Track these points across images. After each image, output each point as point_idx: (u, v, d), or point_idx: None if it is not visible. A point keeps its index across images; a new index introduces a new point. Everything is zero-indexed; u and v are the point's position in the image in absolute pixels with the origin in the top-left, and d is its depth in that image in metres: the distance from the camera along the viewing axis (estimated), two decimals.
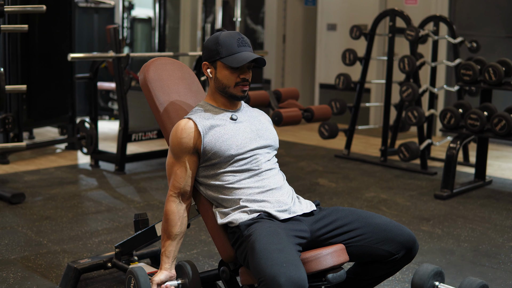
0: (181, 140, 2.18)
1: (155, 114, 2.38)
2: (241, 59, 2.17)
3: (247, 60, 2.16)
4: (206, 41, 2.25)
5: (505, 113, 4.38)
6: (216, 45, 2.19)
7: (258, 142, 2.23)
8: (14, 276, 3.00)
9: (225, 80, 2.21)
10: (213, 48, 2.20)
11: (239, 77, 2.20)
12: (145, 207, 4.20)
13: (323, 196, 4.55)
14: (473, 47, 5.71)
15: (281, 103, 4.91)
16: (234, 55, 2.18)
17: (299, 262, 1.90)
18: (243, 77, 2.21)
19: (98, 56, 5.36)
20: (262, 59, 2.19)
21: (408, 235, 2.16)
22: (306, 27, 8.70)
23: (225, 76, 2.21)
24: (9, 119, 4.91)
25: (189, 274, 2.16)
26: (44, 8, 4.18)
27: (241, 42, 2.20)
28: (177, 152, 2.20)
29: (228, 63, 2.17)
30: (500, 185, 5.01)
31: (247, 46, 2.21)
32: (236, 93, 2.22)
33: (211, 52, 2.21)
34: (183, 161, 2.19)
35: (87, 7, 7.93)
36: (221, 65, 2.20)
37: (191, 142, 2.18)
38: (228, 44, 2.18)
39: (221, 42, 2.19)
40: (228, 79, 2.21)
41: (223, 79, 2.21)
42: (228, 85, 2.22)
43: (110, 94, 7.96)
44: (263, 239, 1.96)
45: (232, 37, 2.19)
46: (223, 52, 2.18)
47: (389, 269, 2.21)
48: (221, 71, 2.21)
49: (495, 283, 3.04)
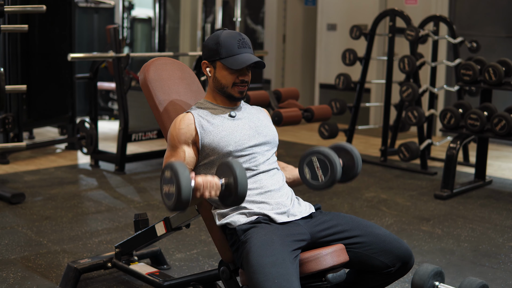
0: (180, 131, 2.18)
1: (155, 114, 2.38)
2: (240, 61, 2.16)
3: (246, 63, 2.15)
4: (207, 39, 2.24)
5: (505, 113, 4.38)
6: (217, 45, 2.18)
7: (257, 139, 2.23)
8: (14, 276, 3.00)
9: (223, 80, 2.21)
10: (213, 48, 2.20)
11: (238, 78, 2.20)
12: (145, 207, 4.20)
13: (323, 196, 4.55)
14: (473, 47, 5.71)
15: (281, 103, 4.91)
16: (234, 57, 2.17)
17: (292, 275, 1.91)
18: (242, 79, 2.20)
19: (98, 56, 5.36)
20: (261, 62, 2.18)
21: (405, 249, 2.17)
22: (306, 27, 8.70)
23: (224, 76, 2.20)
24: (9, 119, 4.90)
25: (234, 172, 1.93)
26: (44, 8, 4.18)
27: (242, 43, 2.19)
28: (175, 143, 2.18)
29: (228, 64, 2.17)
30: (500, 185, 5.01)
31: (247, 47, 2.20)
32: (233, 94, 2.22)
33: (211, 52, 2.20)
34: (180, 151, 2.18)
35: (87, 7, 7.93)
36: (221, 65, 2.20)
37: (188, 133, 2.17)
38: (229, 45, 2.17)
39: (221, 42, 2.18)
40: (227, 80, 2.21)
41: (222, 79, 2.21)
42: (226, 85, 2.21)
43: (110, 94, 7.96)
44: (257, 250, 1.96)
45: (232, 37, 2.18)
46: (223, 52, 2.17)
47: (382, 280, 2.21)
48: (220, 71, 2.21)
49: (495, 283, 3.04)
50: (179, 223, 2.50)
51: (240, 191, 1.92)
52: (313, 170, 2.13)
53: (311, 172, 2.13)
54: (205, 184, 1.93)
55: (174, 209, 1.90)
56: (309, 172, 2.14)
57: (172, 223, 2.53)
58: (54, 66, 5.80)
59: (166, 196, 1.93)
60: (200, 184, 1.93)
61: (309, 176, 2.14)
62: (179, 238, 3.56)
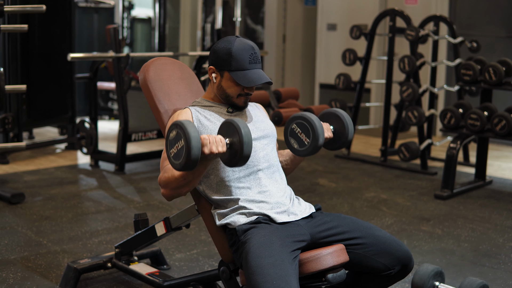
0: None
1: (155, 114, 2.38)
2: (250, 79, 2.14)
3: (256, 83, 2.14)
4: (218, 44, 2.20)
5: (505, 113, 4.38)
6: (228, 56, 2.15)
7: (255, 133, 2.22)
8: (14, 276, 3.00)
9: (228, 90, 2.20)
10: (224, 58, 2.16)
11: (244, 91, 2.19)
12: (145, 207, 4.20)
13: (323, 196, 4.55)
14: (473, 47, 5.71)
15: (281, 103, 4.91)
16: (244, 72, 2.15)
17: (291, 276, 1.91)
18: (247, 92, 2.20)
19: (98, 56, 5.36)
20: (270, 82, 2.17)
21: (405, 251, 2.16)
22: (306, 27, 8.70)
23: (230, 86, 2.19)
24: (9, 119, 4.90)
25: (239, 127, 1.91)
26: (44, 8, 4.17)
27: (253, 58, 2.16)
28: None
29: (237, 79, 2.15)
30: (500, 185, 5.01)
31: (258, 63, 2.18)
32: (238, 103, 2.22)
33: (221, 61, 2.17)
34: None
35: (87, 7, 7.92)
36: (228, 76, 2.18)
37: None
38: (240, 59, 2.14)
39: (233, 54, 2.14)
40: (232, 91, 2.20)
41: (227, 89, 2.20)
42: (231, 96, 2.21)
43: (110, 94, 7.96)
44: (256, 251, 1.96)
45: (245, 50, 2.15)
46: (233, 65, 2.15)
47: (381, 283, 2.21)
48: (227, 81, 2.19)
49: (495, 283, 3.04)
50: (179, 223, 2.50)
51: (246, 149, 1.90)
52: (297, 137, 2.12)
53: (297, 140, 2.12)
54: (211, 139, 1.92)
55: (184, 166, 1.87)
56: (295, 141, 2.13)
57: (172, 223, 2.52)
58: (54, 66, 5.80)
59: (175, 157, 1.90)
60: (206, 139, 1.91)
61: (297, 145, 2.13)
62: (179, 238, 3.56)
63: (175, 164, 1.91)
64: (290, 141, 2.14)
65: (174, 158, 1.91)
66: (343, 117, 2.22)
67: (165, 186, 2.09)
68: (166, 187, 2.09)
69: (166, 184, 2.08)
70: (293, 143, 2.14)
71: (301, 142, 2.11)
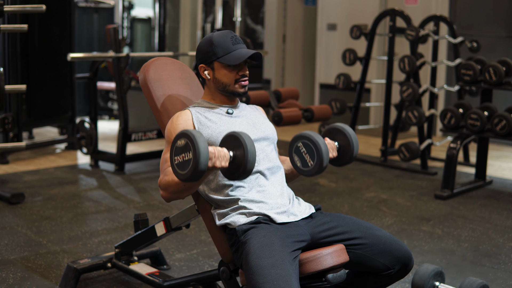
0: (177, 126, 2.17)
1: (155, 114, 2.37)
2: (238, 56, 2.17)
3: (245, 57, 2.17)
4: (199, 44, 2.25)
5: (506, 113, 4.38)
6: (211, 46, 2.19)
7: (255, 134, 2.23)
8: (13, 276, 3.00)
9: (224, 79, 2.21)
10: (208, 50, 2.20)
11: (238, 74, 2.21)
12: (145, 207, 4.19)
13: (323, 196, 4.55)
14: (474, 47, 5.71)
15: (281, 103, 4.91)
16: (231, 53, 2.18)
17: (291, 277, 1.91)
18: (242, 74, 2.21)
19: (98, 56, 5.36)
20: (258, 54, 2.19)
21: (405, 251, 2.16)
22: (306, 27, 8.69)
23: (224, 75, 2.21)
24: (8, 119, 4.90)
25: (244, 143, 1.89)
26: (43, 8, 4.17)
27: (235, 40, 2.21)
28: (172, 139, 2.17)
29: (226, 61, 2.17)
30: (501, 185, 5.00)
31: (241, 43, 2.22)
32: (237, 90, 2.23)
33: (207, 54, 2.21)
34: None
35: (87, 7, 7.93)
36: (219, 65, 2.20)
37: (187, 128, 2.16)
38: (223, 44, 2.18)
39: (215, 42, 2.19)
40: (228, 78, 2.21)
41: (223, 78, 2.21)
42: (228, 84, 2.22)
43: (110, 94, 7.95)
44: (257, 252, 1.96)
45: (225, 36, 2.20)
46: (219, 52, 2.18)
47: (381, 282, 2.21)
48: (219, 71, 2.21)
49: (495, 283, 3.03)
50: (179, 223, 2.49)
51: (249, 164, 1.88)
52: (302, 156, 2.10)
53: (300, 159, 2.11)
54: (217, 153, 1.91)
55: (190, 177, 1.84)
56: (299, 160, 2.11)
57: (172, 223, 2.52)
58: (53, 66, 5.80)
59: (179, 166, 1.87)
60: (213, 153, 1.89)
61: (300, 163, 2.11)
62: (179, 238, 3.56)
63: (178, 174, 1.89)
64: (293, 158, 2.13)
65: (178, 167, 1.89)
66: (348, 134, 2.21)
67: (164, 189, 2.09)
68: (166, 190, 2.09)
69: (166, 187, 2.08)
70: (297, 161, 2.13)
71: (305, 162, 2.10)
